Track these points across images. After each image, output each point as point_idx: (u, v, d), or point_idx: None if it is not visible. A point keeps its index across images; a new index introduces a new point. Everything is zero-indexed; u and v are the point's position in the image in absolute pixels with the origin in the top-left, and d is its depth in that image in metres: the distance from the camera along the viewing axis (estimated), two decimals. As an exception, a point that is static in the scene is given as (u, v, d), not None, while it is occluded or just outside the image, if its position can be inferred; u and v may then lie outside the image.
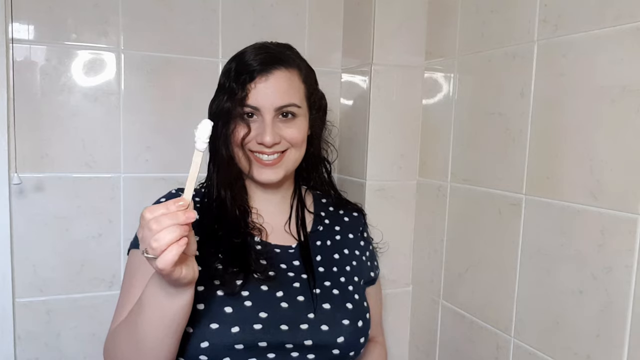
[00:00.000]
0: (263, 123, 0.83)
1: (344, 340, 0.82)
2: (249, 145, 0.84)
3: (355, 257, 0.94)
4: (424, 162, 1.15)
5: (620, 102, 0.70)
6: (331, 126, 1.03)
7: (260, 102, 0.82)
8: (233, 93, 0.82)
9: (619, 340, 0.70)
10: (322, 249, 0.91)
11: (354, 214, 1.00)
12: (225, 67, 0.88)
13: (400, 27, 1.12)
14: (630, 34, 0.68)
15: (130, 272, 0.82)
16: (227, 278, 0.79)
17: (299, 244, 0.89)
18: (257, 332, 0.77)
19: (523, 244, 0.87)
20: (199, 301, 0.76)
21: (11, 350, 1.02)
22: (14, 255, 1.01)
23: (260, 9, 1.16)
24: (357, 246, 0.96)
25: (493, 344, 0.94)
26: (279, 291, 0.81)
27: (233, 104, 0.82)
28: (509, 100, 0.90)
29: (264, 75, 0.82)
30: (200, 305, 0.76)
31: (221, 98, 0.84)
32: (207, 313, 0.76)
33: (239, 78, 0.82)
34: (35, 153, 1.02)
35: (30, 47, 0.99)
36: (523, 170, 0.87)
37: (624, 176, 0.69)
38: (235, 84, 0.82)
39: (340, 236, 0.95)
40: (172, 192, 0.89)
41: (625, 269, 0.69)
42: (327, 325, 0.81)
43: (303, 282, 0.84)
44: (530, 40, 0.85)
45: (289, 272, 0.85)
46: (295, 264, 0.87)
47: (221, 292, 0.78)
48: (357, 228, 0.98)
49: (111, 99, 1.06)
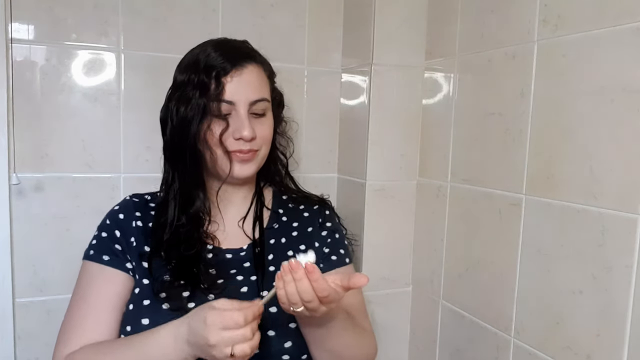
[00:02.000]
0: (239, 118, 0.80)
1: (292, 345, 0.77)
2: (227, 143, 0.80)
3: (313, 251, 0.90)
4: (424, 162, 1.15)
5: (620, 101, 0.70)
6: (291, 121, 1.05)
7: (235, 97, 0.79)
8: (205, 88, 0.78)
9: (619, 340, 0.70)
10: (276, 247, 0.88)
11: (315, 207, 0.96)
12: (185, 63, 0.84)
13: (400, 27, 1.12)
14: (630, 33, 0.68)
15: (84, 283, 0.81)
16: (174, 292, 0.77)
17: (251, 245, 0.87)
18: None
19: (523, 244, 0.87)
20: (144, 315, 0.76)
21: (11, 350, 1.02)
22: (13, 255, 1.01)
23: (260, 9, 1.16)
24: (317, 238, 0.91)
25: (493, 344, 0.94)
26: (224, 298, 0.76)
27: (207, 99, 0.78)
28: (509, 100, 0.90)
29: (238, 70, 0.80)
30: (145, 320, 0.76)
31: (190, 93, 0.79)
32: (151, 327, 0.73)
33: (210, 72, 0.78)
34: (35, 153, 1.02)
35: (30, 47, 0.99)
36: (523, 170, 0.87)
37: (624, 176, 0.69)
38: (207, 77, 0.78)
39: (298, 232, 0.91)
40: (126, 199, 0.89)
41: (625, 268, 0.69)
42: (273, 331, 0.77)
43: (251, 285, 0.82)
44: (530, 40, 0.85)
45: (238, 276, 0.83)
46: (246, 266, 0.85)
47: (166, 306, 0.76)
48: (317, 220, 0.93)
49: (111, 99, 1.06)
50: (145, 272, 0.80)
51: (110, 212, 0.88)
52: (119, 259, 0.81)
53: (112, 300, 0.79)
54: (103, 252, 0.81)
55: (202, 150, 0.81)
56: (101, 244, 0.83)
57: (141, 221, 0.85)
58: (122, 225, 0.84)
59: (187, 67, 0.82)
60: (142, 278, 0.80)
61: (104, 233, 0.84)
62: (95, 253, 0.82)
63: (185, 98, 0.80)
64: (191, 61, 0.82)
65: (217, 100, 0.79)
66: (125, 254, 0.82)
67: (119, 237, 0.83)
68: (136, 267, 0.81)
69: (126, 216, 0.85)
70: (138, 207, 0.87)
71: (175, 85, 0.84)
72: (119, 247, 0.82)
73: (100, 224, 0.86)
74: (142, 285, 0.80)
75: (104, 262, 0.81)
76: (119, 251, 0.82)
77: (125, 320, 0.79)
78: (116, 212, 0.87)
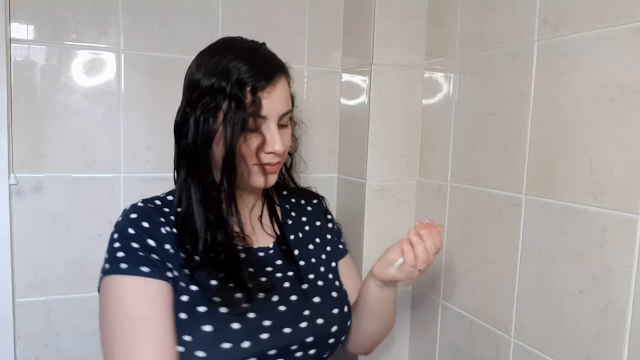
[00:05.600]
0: (270, 132, 0.79)
1: (337, 329, 0.86)
2: (260, 156, 0.80)
3: (327, 242, 0.97)
4: (424, 162, 1.15)
5: (620, 101, 0.70)
6: (300, 122, 1.04)
7: (268, 111, 0.78)
8: (241, 101, 0.76)
9: (619, 340, 0.70)
10: (297, 242, 0.92)
11: (314, 201, 1.02)
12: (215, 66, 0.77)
13: (400, 27, 1.12)
14: (630, 33, 0.68)
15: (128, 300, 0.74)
16: (227, 295, 0.77)
17: (276, 243, 0.89)
18: (265, 341, 0.77)
19: (523, 244, 0.87)
20: (205, 323, 0.75)
21: (11, 350, 1.02)
22: (13, 255, 1.01)
23: (260, 9, 1.16)
24: (326, 230, 0.99)
25: (493, 344, 0.94)
26: (274, 296, 0.82)
27: (244, 113, 0.76)
28: (509, 100, 0.90)
29: (272, 85, 0.78)
30: (206, 327, 0.75)
31: (222, 105, 0.76)
32: (216, 334, 0.74)
33: (244, 86, 0.76)
34: (35, 153, 1.02)
35: (29, 47, 0.99)
36: (523, 170, 0.87)
37: (624, 176, 0.69)
38: (241, 91, 0.76)
39: (309, 226, 0.97)
40: (138, 206, 0.82)
41: (625, 268, 0.69)
42: (322, 318, 0.84)
43: (291, 280, 0.86)
44: (530, 40, 0.85)
45: (276, 273, 0.85)
46: (278, 263, 0.87)
47: (225, 310, 0.76)
48: (320, 213, 1.00)
49: (111, 99, 1.06)
50: (189, 279, 0.77)
51: (126, 221, 0.79)
52: (159, 269, 0.75)
53: (168, 312, 0.75)
54: (139, 264, 0.75)
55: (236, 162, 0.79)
56: (134, 256, 0.75)
57: (168, 227, 0.80)
58: (152, 233, 0.78)
59: (214, 73, 0.77)
60: (188, 285, 0.77)
61: (133, 243, 0.76)
62: (131, 266, 0.74)
63: (215, 107, 0.77)
64: (220, 68, 0.77)
65: (254, 115, 0.77)
66: (164, 262, 0.76)
67: (154, 246, 0.77)
68: (180, 274, 0.77)
69: (152, 223, 0.79)
70: (158, 212, 0.82)
71: (199, 90, 0.78)
72: (156, 256, 0.76)
73: (121, 234, 0.78)
74: (191, 292, 0.76)
75: (145, 274, 0.74)
76: (158, 261, 0.76)
77: (182, 329, 0.75)
78: (137, 220, 0.79)
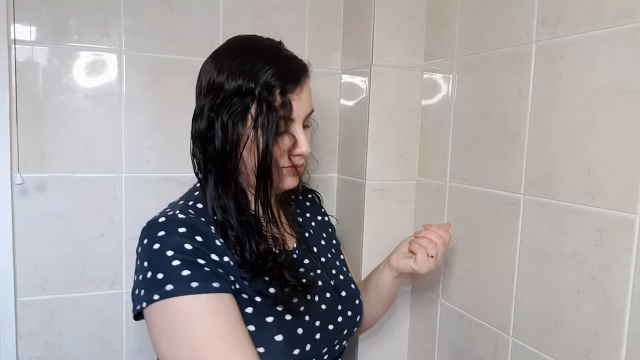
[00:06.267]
0: (297, 133, 0.79)
1: (359, 318, 0.91)
2: (292, 158, 0.79)
3: (332, 236, 1.00)
4: (423, 162, 1.16)
5: (618, 102, 0.70)
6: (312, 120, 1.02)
7: (297, 114, 0.78)
8: (271, 105, 0.75)
9: (617, 338, 0.71)
10: (312, 239, 0.94)
11: (309, 195, 1.03)
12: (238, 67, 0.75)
13: (400, 28, 1.12)
14: (628, 34, 0.69)
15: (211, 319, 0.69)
16: (287, 301, 0.76)
17: (298, 242, 0.90)
18: (319, 341, 0.80)
19: (521, 244, 0.88)
20: (276, 332, 0.74)
21: (13, 349, 1.03)
22: (16, 255, 1.02)
23: (260, 10, 1.16)
24: (328, 224, 1.02)
25: (492, 342, 0.95)
26: (315, 296, 0.83)
27: (278, 117, 0.75)
28: (507, 101, 0.90)
29: (299, 87, 0.78)
30: (278, 337, 0.74)
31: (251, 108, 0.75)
32: (287, 342, 0.75)
33: (274, 88, 0.75)
34: (38, 153, 1.02)
35: (32, 48, 1.00)
36: (521, 170, 0.87)
37: (622, 176, 0.70)
38: (270, 94, 0.74)
39: (315, 222, 0.99)
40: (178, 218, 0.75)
41: (623, 268, 0.70)
42: (350, 310, 0.88)
43: (322, 278, 0.87)
44: (529, 41, 0.85)
45: (310, 272, 0.86)
46: (306, 262, 0.88)
47: (289, 317, 0.76)
48: (318, 207, 1.03)
49: (113, 99, 1.07)
50: (252, 290, 0.75)
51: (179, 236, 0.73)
52: (227, 282, 0.73)
53: (244, 324, 0.73)
54: (210, 280, 0.71)
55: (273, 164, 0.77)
56: (201, 272, 0.71)
57: (218, 239, 0.76)
58: (210, 246, 0.74)
59: (240, 75, 0.74)
60: (252, 296, 0.75)
61: (199, 259, 0.71)
62: (202, 284, 0.70)
63: (243, 111, 0.75)
64: (245, 69, 0.75)
65: (285, 118, 0.77)
66: (228, 275, 0.74)
67: (217, 260, 0.74)
68: (241, 286, 0.75)
69: (205, 237, 0.74)
70: (204, 223, 0.76)
71: (224, 93, 0.75)
72: (222, 270, 0.73)
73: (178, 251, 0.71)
74: (255, 303, 0.75)
75: (217, 289, 0.71)
76: (223, 274, 0.73)
77: (253, 341, 0.73)
78: (190, 234, 0.73)
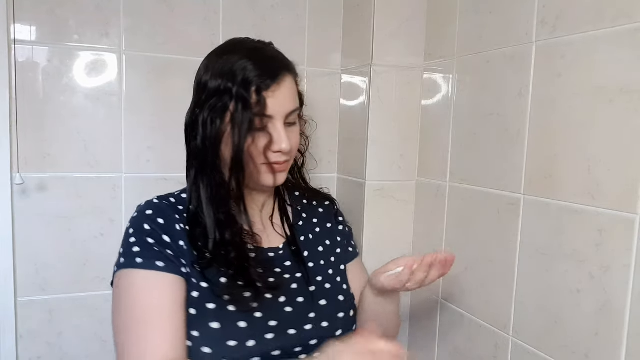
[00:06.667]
0: (276, 130, 0.79)
1: (342, 333, 0.85)
2: (268, 155, 0.80)
3: (337, 245, 0.96)
4: (423, 162, 1.16)
5: (618, 102, 0.70)
6: (310, 120, 1.03)
7: (274, 110, 0.78)
8: (246, 101, 0.76)
9: (617, 338, 0.71)
10: (307, 243, 0.92)
11: (326, 202, 1.00)
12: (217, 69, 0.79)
13: (400, 28, 1.12)
14: (628, 34, 0.69)
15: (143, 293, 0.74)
16: (236, 293, 0.77)
17: (286, 243, 0.89)
18: (270, 341, 0.78)
19: (521, 244, 0.88)
20: (213, 320, 0.76)
21: (13, 349, 1.03)
22: (16, 255, 1.02)
23: (260, 10, 1.16)
24: (337, 233, 0.97)
25: (492, 342, 0.95)
26: (281, 297, 0.82)
27: (250, 113, 0.77)
28: (507, 101, 0.90)
29: (276, 84, 0.78)
30: (215, 324, 0.76)
31: (228, 106, 0.77)
32: (223, 331, 0.76)
33: (250, 85, 0.76)
34: (38, 153, 1.02)
35: (32, 48, 1.00)
36: (521, 170, 0.87)
37: (622, 176, 0.70)
38: (246, 91, 0.76)
39: (320, 228, 0.96)
40: (154, 202, 0.83)
41: (623, 268, 0.70)
42: (327, 321, 0.84)
43: (299, 282, 0.85)
44: (529, 41, 0.85)
45: (285, 274, 0.86)
46: (287, 264, 0.87)
47: (233, 308, 0.77)
48: (331, 215, 0.99)
49: (113, 99, 1.07)
50: (200, 275, 0.78)
51: (142, 217, 0.80)
52: (174, 264, 0.77)
53: (180, 306, 0.76)
54: (155, 258, 0.76)
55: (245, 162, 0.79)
56: (149, 250, 0.77)
57: (182, 224, 0.81)
58: (167, 229, 0.79)
59: (221, 75, 0.78)
60: (199, 281, 0.78)
61: (149, 239, 0.77)
62: (146, 260, 0.75)
63: (222, 108, 0.77)
64: (226, 69, 0.78)
65: (260, 115, 0.77)
66: (178, 258, 0.78)
67: (169, 242, 0.78)
68: (191, 271, 0.78)
69: (166, 220, 0.80)
70: (172, 209, 0.83)
71: (207, 92, 0.79)
72: (170, 252, 0.77)
73: (136, 230, 0.79)
74: (201, 289, 0.77)
75: (159, 268, 0.75)
76: (172, 256, 0.77)
77: (191, 324, 0.76)
78: (153, 216, 0.80)
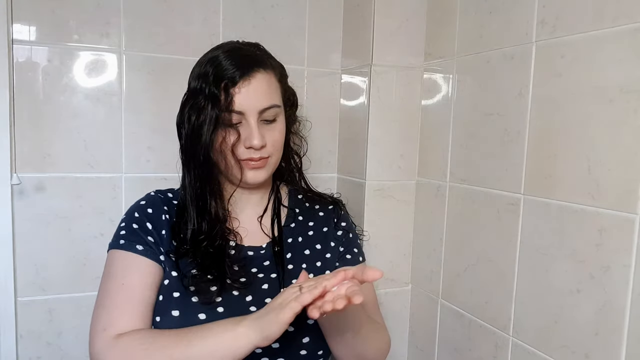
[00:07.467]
0: (249, 127, 0.81)
1: (310, 340, 0.82)
2: (238, 152, 0.82)
3: (330, 250, 0.93)
4: (423, 162, 1.16)
5: (618, 102, 0.70)
6: (305, 121, 1.04)
7: (244, 107, 0.81)
8: (216, 98, 0.80)
9: (617, 338, 0.71)
10: (293, 246, 0.92)
11: (329, 207, 0.99)
12: (197, 70, 0.85)
13: (400, 28, 1.12)
14: (628, 34, 0.69)
15: (119, 270, 0.81)
16: (203, 286, 0.80)
17: (270, 243, 0.90)
18: None
19: (521, 244, 0.88)
20: (174, 307, 0.79)
21: (13, 349, 1.03)
22: (16, 255, 1.02)
23: (260, 10, 1.16)
24: (332, 237, 0.95)
25: (492, 342, 0.95)
26: (248, 295, 0.82)
27: (218, 110, 0.80)
28: (507, 101, 0.90)
29: (246, 80, 0.81)
30: (175, 312, 0.79)
31: (202, 103, 0.81)
32: (181, 320, 0.78)
33: (219, 83, 0.80)
34: (37, 153, 1.02)
35: (31, 47, 1.00)
36: (521, 170, 0.87)
37: (622, 176, 0.70)
38: (217, 89, 0.80)
39: (314, 231, 0.94)
40: (151, 194, 0.90)
41: (623, 268, 0.70)
42: (292, 326, 0.79)
43: (272, 283, 0.85)
44: (529, 41, 0.85)
45: (259, 274, 0.86)
46: (266, 264, 0.88)
47: (196, 299, 0.79)
48: (332, 220, 0.97)
49: (113, 99, 1.06)
50: (173, 265, 0.82)
51: (136, 206, 0.88)
52: (152, 250, 0.82)
53: (151, 288, 0.81)
54: (136, 242, 0.82)
55: (216, 158, 0.83)
56: (133, 235, 0.83)
57: (169, 215, 0.87)
58: (152, 218, 0.86)
59: (198, 76, 0.83)
60: (171, 270, 0.82)
61: (134, 225, 0.84)
62: (128, 242, 0.82)
63: (197, 107, 0.81)
64: (202, 70, 0.83)
65: (228, 111, 0.80)
66: (157, 246, 0.83)
67: (151, 229, 0.84)
68: (166, 259, 0.83)
69: (155, 210, 0.87)
70: (164, 202, 0.89)
71: (189, 92, 0.85)
72: (152, 239, 0.83)
73: (128, 216, 0.86)
74: (172, 277, 0.82)
75: (138, 251, 0.81)
76: (152, 243, 0.83)
77: (156, 310, 0.81)
78: (144, 206, 0.87)
